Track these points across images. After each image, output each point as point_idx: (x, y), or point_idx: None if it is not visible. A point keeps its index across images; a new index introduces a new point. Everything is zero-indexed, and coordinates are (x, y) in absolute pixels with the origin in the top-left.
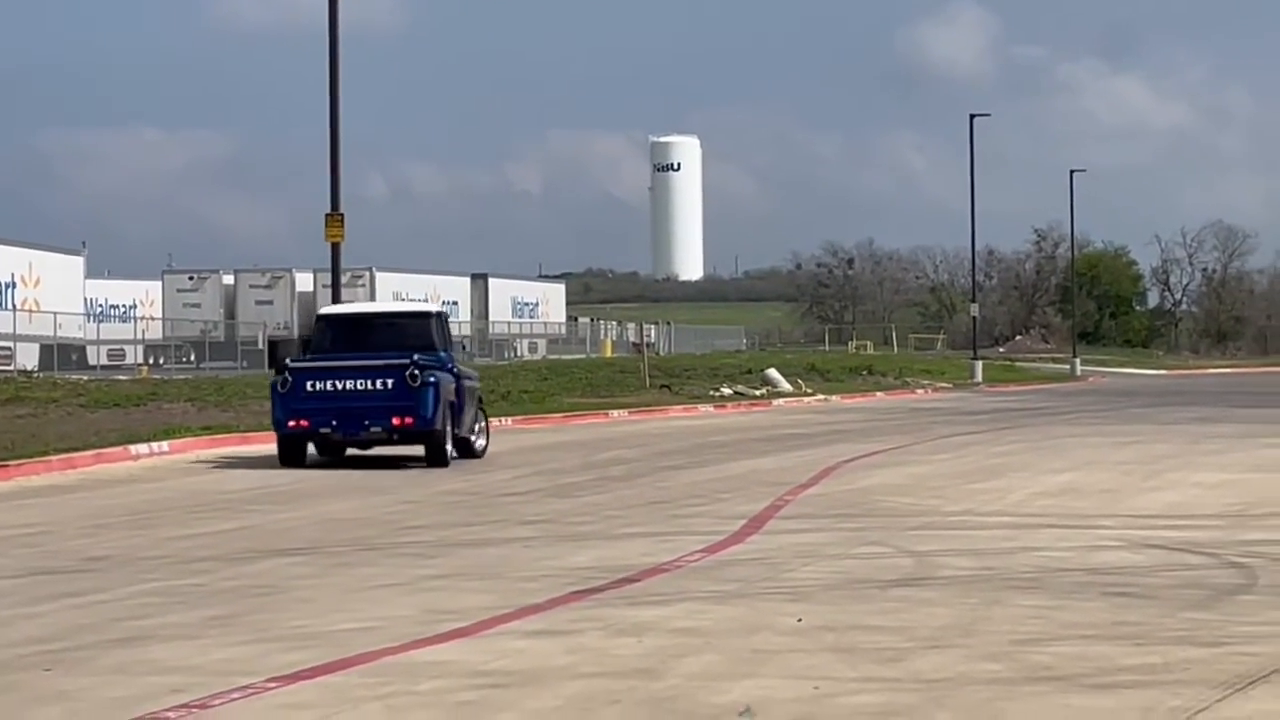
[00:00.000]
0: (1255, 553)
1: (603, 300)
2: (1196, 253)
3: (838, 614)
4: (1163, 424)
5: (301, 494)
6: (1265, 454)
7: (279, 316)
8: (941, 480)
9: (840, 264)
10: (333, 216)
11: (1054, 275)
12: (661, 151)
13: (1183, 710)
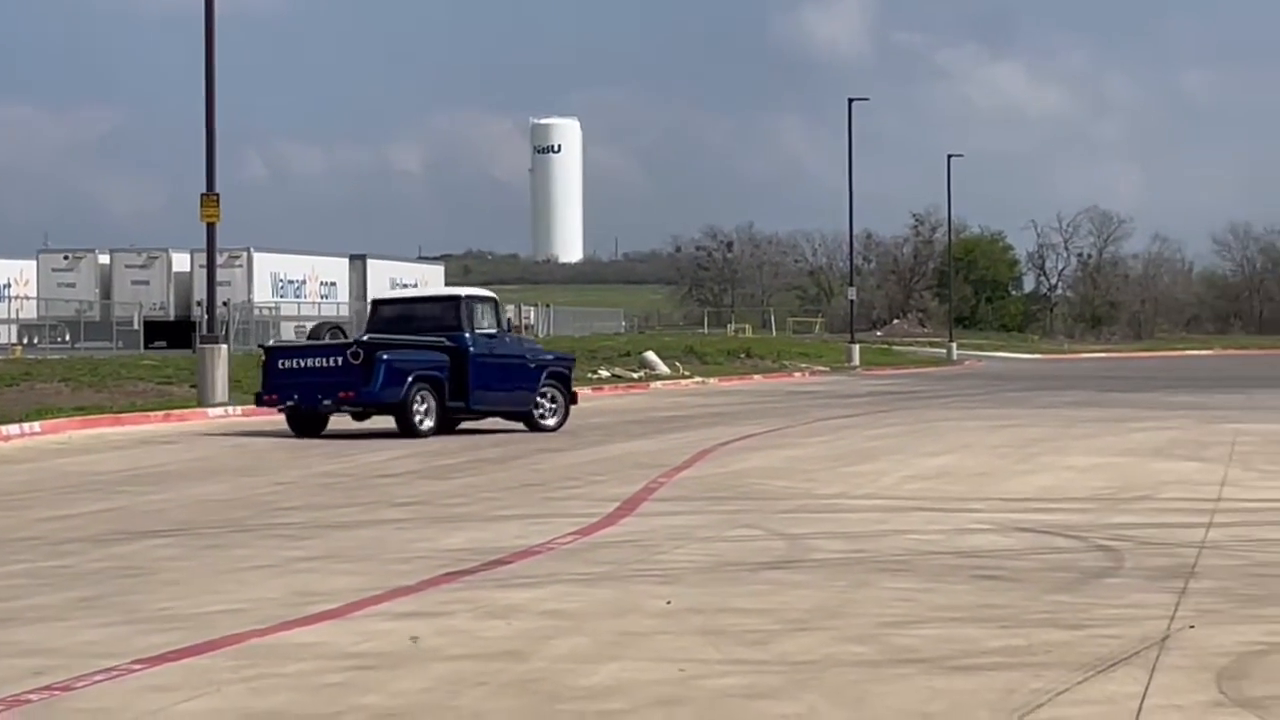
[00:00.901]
0: (1123, 536)
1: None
2: (1072, 238)
3: (707, 596)
4: (1037, 408)
5: (173, 475)
6: (1136, 438)
7: (155, 297)
8: (816, 463)
9: (720, 247)
10: (208, 197)
11: (931, 259)
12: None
13: (1044, 692)
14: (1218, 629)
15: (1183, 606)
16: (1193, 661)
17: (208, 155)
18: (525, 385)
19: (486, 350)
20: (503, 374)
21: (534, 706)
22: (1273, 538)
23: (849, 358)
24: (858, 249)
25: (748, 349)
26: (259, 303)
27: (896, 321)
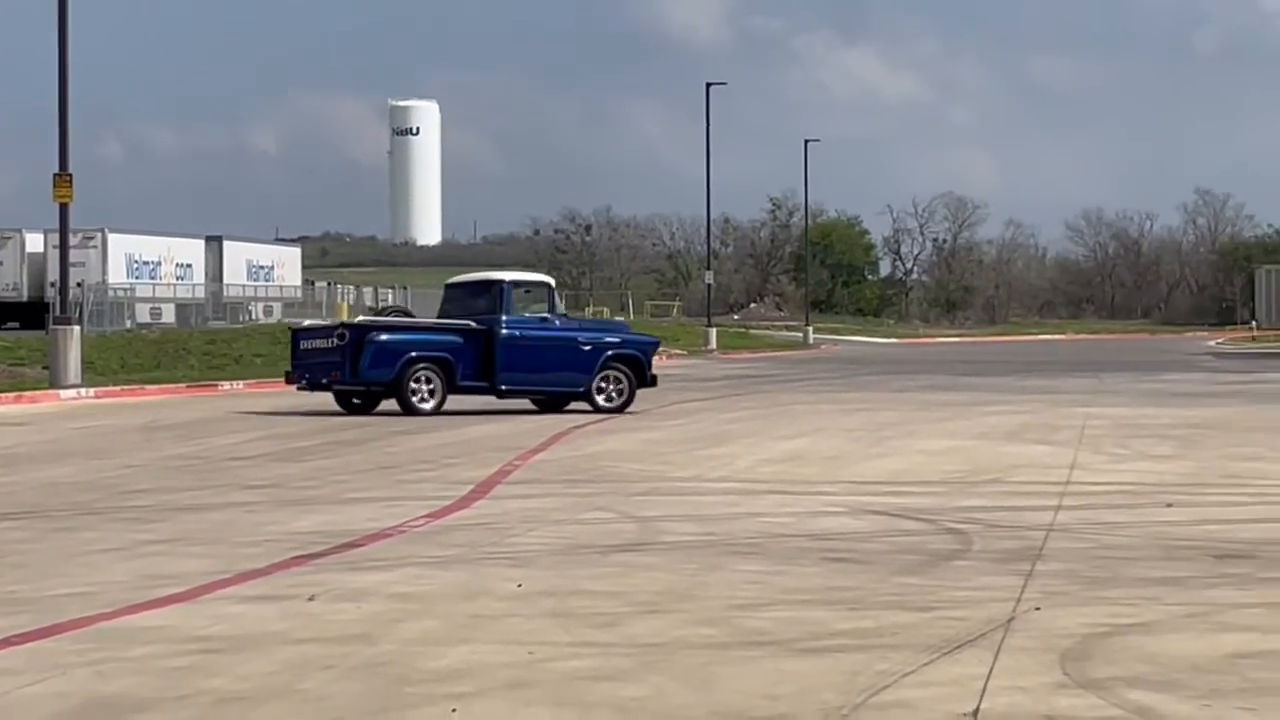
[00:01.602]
0: (972, 519)
1: (341, 264)
2: (927, 223)
3: (558, 579)
4: (891, 392)
5: (22, 458)
6: (988, 421)
7: (8, 277)
8: (671, 446)
9: (578, 230)
10: (61, 177)
11: (789, 244)
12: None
13: (890, 673)
14: (1063, 611)
15: (1029, 589)
16: (1038, 643)
17: (61, 134)
18: (574, 367)
19: (520, 332)
20: (543, 356)
21: (381, 689)
22: (1119, 520)
23: (706, 341)
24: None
25: None
26: (113, 284)
27: (754, 305)
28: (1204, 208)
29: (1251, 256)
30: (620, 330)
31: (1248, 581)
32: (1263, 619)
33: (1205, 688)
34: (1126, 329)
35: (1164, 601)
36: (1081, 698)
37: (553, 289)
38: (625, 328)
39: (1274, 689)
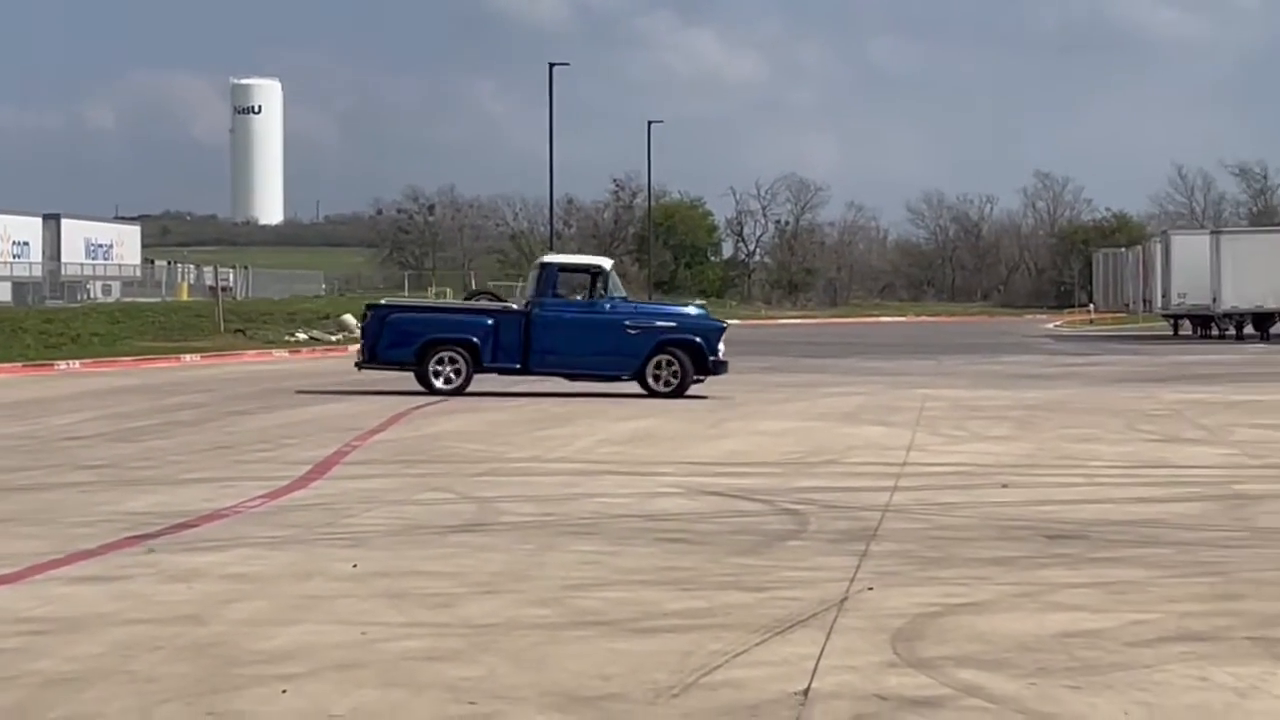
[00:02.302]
0: (809, 500)
1: (181, 243)
2: (770, 205)
3: (394, 560)
4: (730, 373)
5: None
6: (827, 403)
7: None
8: (512, 427)
9: (421, 210)
10: None
11: (632, 225)
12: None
13: (722, 653)
14: (896, 591)
15: (863, 569)
16: (869, 623)
17: None
18: (619, 351)
19: (558, 314)
20: (583, 338)
21: (210, 670)
22: (955, 501)
23: None
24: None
25: None
26: None
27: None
28: (1043, 191)
29: (1089, 240)
30: (683, 315)
31: (1078, 561)
32: (1091, 598)
33: (1033, 666)
34: (966, 311)
35: (996, 581)
36: (911, 677)
37: (604, 271)
38: (684, 313)
39: (1100, 667)
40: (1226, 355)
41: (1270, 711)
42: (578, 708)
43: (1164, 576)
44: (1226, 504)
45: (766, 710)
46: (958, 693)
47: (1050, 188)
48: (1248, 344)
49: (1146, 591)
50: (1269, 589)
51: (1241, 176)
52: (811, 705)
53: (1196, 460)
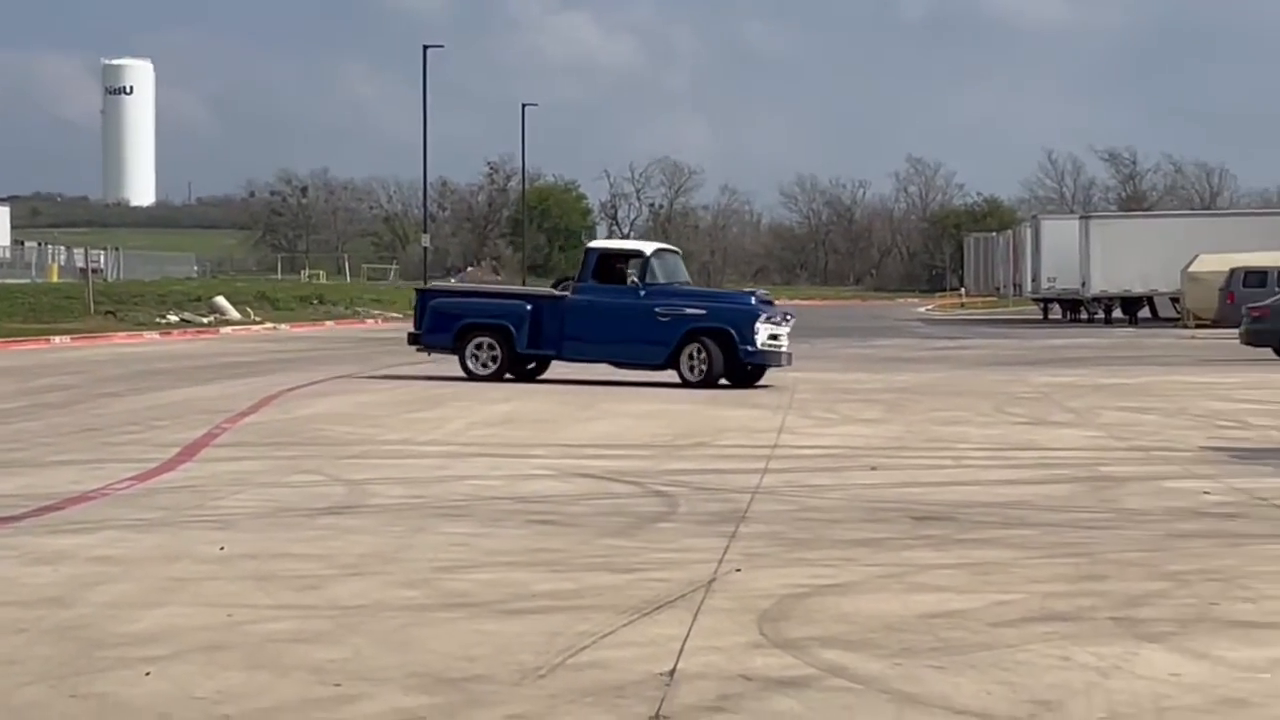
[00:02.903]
0: (678, 481)
1: (51, 224)
2: (644, 188)
3: (262, 542)
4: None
5: None
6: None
7: None
8: (383, 409)
9: (294, 193)
10: None
11: (506, 208)
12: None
13: (589, 635)
14: (764, 572)
15: (731, 550)
16: (737, 604)
17: None
18: (648, 339)
19: (591, 301)
20: (614, 326)
21: (74, 653)
22: (824, 483)
23: None
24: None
25: (321, 295)
26: None
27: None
28: (915, 176)
29: (961, 224)
30: (722, 301)
31: (945, 543)
32: (957, 579)
33: (897, 647)
34: (839, 295)
35: (863, 563)
36: (776, 657)
37: (643, 256)
38: (724, 300)
39: (963, 647)
40: (1095, 339)
41: (1131, 690)
42: (442, 689)
43: (1029, 557)
44: (1092, 486)
45: (632, 691)
46: (822, 673)
47: (922, 172)
48: (1116, 328)
49: (1011, 572)
50: (1132, 570)
51: (1111, 162)
52: (677, 686)
53: (1063, 442)
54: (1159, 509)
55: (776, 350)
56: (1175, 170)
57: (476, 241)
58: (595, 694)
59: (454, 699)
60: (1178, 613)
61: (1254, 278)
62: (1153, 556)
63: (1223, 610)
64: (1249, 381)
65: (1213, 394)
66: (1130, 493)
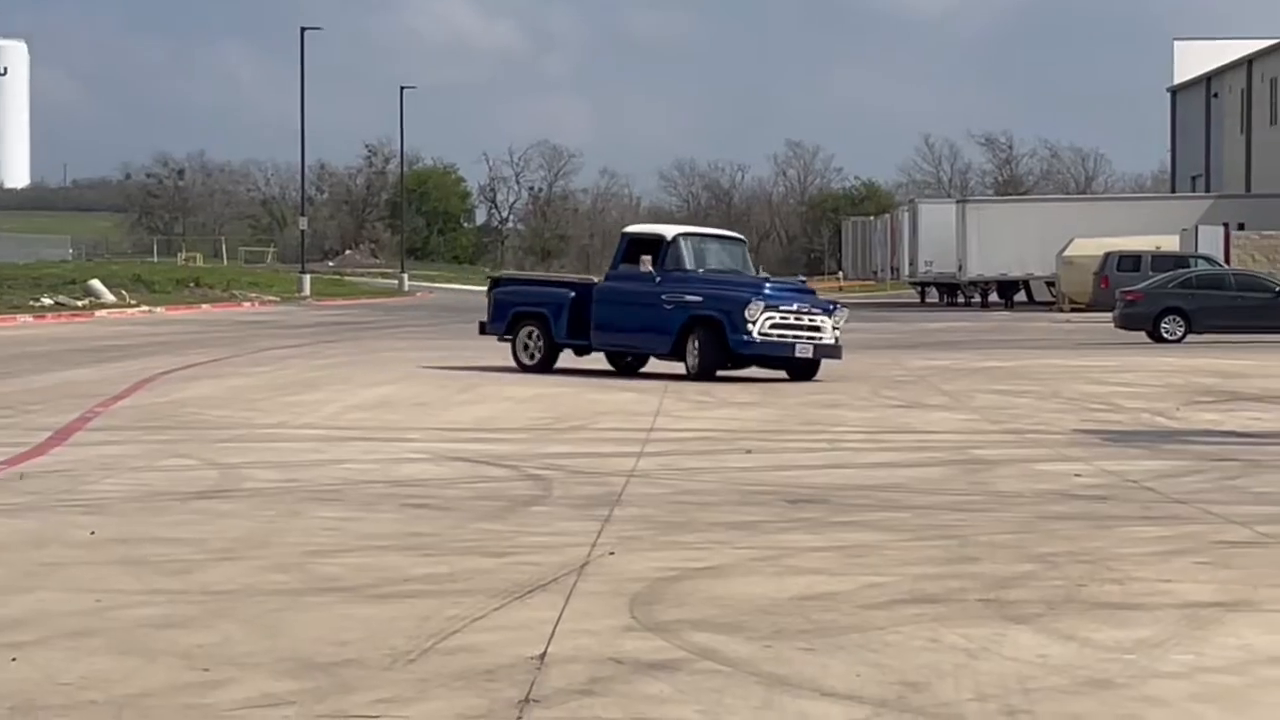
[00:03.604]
0: (555, 465)
1: None
2: (523, 171)
3: (133, 526)
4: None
5: None
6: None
7: None
8: (258, 393)
9: (171, 175)
10: None
11: (385, 191)
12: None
13: (460, 618)
14: (637, 555)
15: (605, 534)
16: (609, 587)
17: None
18: (656, 327)
19: (612, 289)
20: (629, 314)
21: None
22: (699, 466)
23: (300, 288)
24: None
25: (198, 278)
26: None
27: (349, 252)
28: (794, 160)
29: (839, 208)
30: (726, 289)
31: (818, 525)
32: (829, 562)
33: (768, 629)
34: None
35: (736, 545)
36: (647, 640)
37: (664, 241)
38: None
39: (834, 629)
40: (971, 322)
41: (999, 672)
42: (312, 674)
43: (901, 540)
44: (965, 468)
45: (502, 674)
46: (693, 656)
47: (801, 156)
48: (992, 311)
49: (884, 554)
50: (1002, 552)
51: (987, 147)
52: (548, 669)
53: (938, 425)
54: (1030, 491)
55: (786, 341)
56: (1051, 155)
57: (355, 224)
58: (466, 678)
59: (323, 684)
60: (1046, 594)
61: (1128, 262)
62: (1023, 539)
63: (1090, 592)
64: (1122, 365)
65: (1086, 377)
66: (1002, 475)
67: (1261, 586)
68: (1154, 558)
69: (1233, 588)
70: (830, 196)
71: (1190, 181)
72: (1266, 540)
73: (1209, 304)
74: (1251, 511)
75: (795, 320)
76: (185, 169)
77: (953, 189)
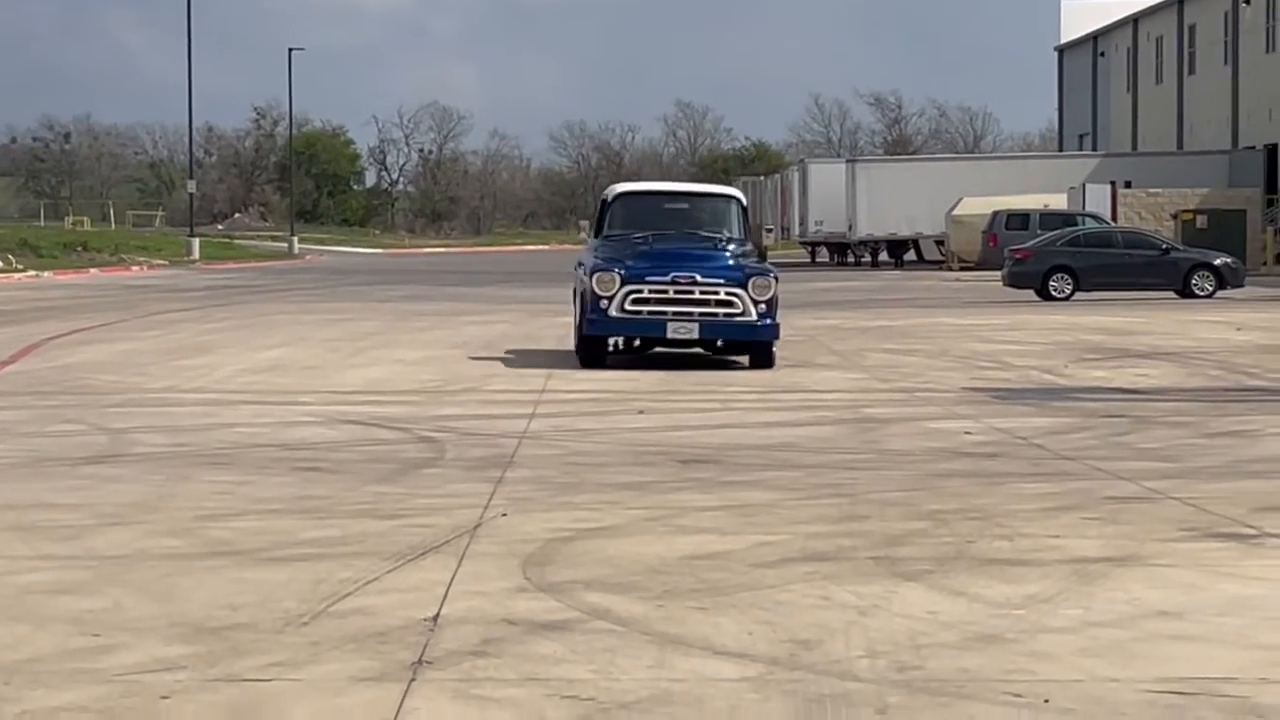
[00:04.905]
0: (447, 427)
1: None
2: (413, 134)
3: (21, 492)
4: (373, 302)
5: None
6: (467, 331)
7: None
8: (148, 357)
9: (57, 139)
10: None
11: (273, 153)
12: None
13: (353, 581)
14: (529, 517)
15: (498, 495)
16: (502, 549)
17: None
18: (579, 298)
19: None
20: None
21: None
22: (590, 427)
23: (189, 251)
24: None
25: (85, 242)
26: None
27: (238, 215)
28: (684, 120)
29: (730, 169)
30: (600, 254)
31: (710, 485)
32: (720, 521)
33: (660, 589)
34: None
35: (628, 506)
36: (540, 600)
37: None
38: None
39: (725, 588)
40: (862, 281)
41: (889, 629)
42: (204, 638)
43: (793, 499)
44: (856, 427)
45: (395, 636)
46: (586, 616)
47: (691, 117)
48: (882, 270)
49: (775, 513)
50: (892, 510)
51: (876, 106)
52: (440, 631)
53: (829, 385)
54: (920, 449)
55: (656, 320)
56: (940, 114)
57: (244, 187)
58: (358, 640)
59: (215, 648)
60: (936, 551)
61: (1016, 220)
62: (913, 496)
63: (980, 549)
64: (1010, 323)
65: (975, 335)
66: (893, 434)
67: (1148, 541)
68: (1043, 514)
69: (1120, 543)
70: (721, 157)
71: (1078, 140)
72: (1154, 495)
73: (1096, 262)
74: (1139, 467)
75: (675, 294)
76: (71, 132)
77: (842, 149)
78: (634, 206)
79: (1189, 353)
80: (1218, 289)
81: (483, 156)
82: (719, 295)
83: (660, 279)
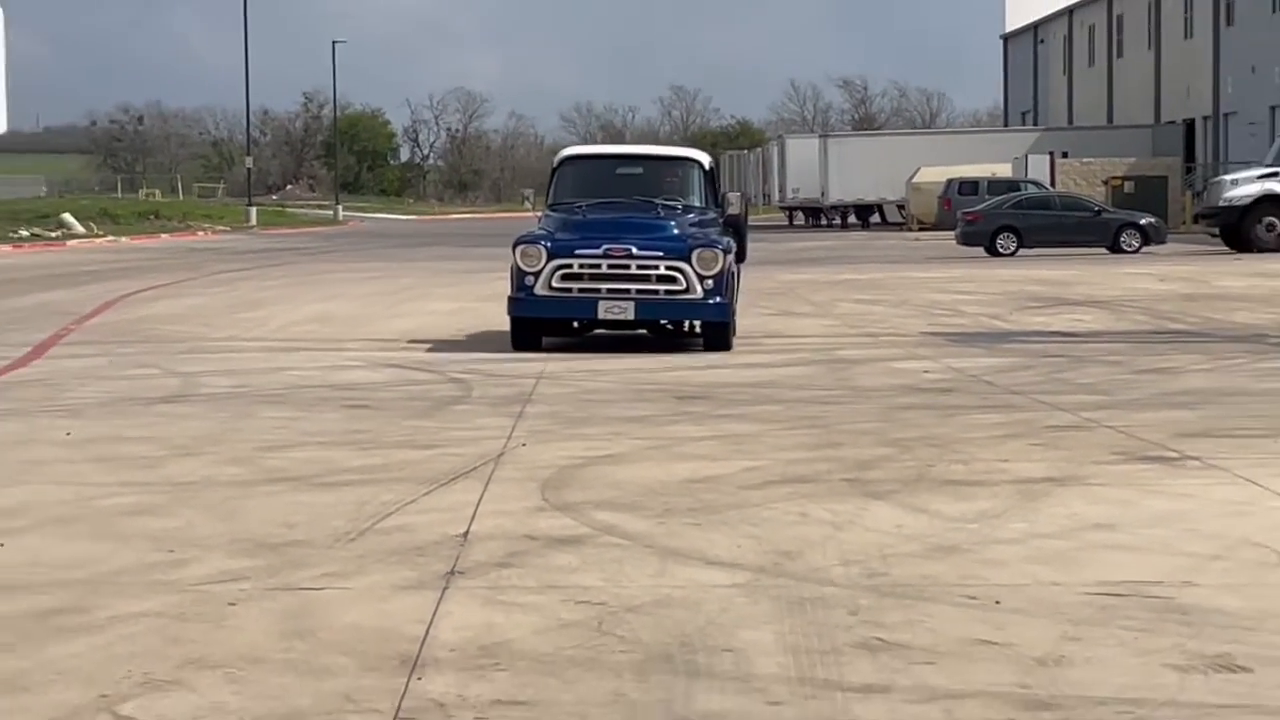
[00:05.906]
0: (474, 370)
1: None
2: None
3: (104, 428)
4: (408, 261)
5: None
6: (492, 286)
7: None
8: (212, 311)
9: (132, 121)
10: None
11: (320, 133)
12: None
13: (394, 503)
14: (546, 446)
15: (518, 428)
16: (523, 474)
17: None
18: None
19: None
20: None
21: None
22: (600, 368)
23: (247, 219)
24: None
25: (157, 211)
26: None
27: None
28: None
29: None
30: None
31: (703, 418)
32: (712, 449)
33: (661, 508)
34: None
35: (632, 436)
36: (557, 519)
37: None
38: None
39: (717, 507)
40: (833, 241)
41: (860, 541)
42: (264, 553)
43: (775, 429)
44: (830, 367)
45: (431, 550)
46: (597, 531)
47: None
48: (851, 232)
49: (760, 442)
50: (863, 438)
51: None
52: (470, 545)
53: (806, 331)
54: (886, 386)
55: (586, 299)
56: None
57: (294, 163)
58: (399, 554)
59: (274, 561)
60: (901, 474)
61: (968, 187)
62: (880, 427)
63: (939, 471)
64: (963, 276)
65: (932, 287)
66: (862, 373)
67: (1086, 464)
68: (993, 441)
69: (1061, 465)
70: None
71: (1021, 117)
72: (1089, 424)
73: (1037, 222)
74: (1076, 400)
75: (609, 269)
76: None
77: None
78: (583, 172)
79: (1118, 301)
80: (1143, 245)
81: (503, 134)
82: (659, 270)
83: (591, 251)
